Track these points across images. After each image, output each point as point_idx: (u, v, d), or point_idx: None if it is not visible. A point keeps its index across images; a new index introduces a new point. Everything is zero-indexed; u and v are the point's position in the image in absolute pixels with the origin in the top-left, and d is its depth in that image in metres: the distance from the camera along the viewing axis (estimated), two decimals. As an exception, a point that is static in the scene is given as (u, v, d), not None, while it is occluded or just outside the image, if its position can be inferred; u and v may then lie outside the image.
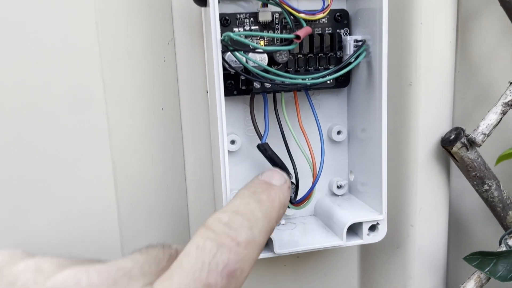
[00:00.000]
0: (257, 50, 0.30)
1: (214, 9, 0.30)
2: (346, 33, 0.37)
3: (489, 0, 0.39)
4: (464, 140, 0.35)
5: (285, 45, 0.30)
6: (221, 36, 0.30)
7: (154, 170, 0.37)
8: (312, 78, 0.33)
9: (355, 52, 0.33)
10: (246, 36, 0.33)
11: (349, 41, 0.35)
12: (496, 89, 0.43)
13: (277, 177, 0.30)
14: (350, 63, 0.34)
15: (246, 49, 0.30)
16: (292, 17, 0.33)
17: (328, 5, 0.32)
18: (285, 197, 0.29)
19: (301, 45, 0.35)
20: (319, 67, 0.36)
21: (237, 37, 0.29)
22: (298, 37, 0.29)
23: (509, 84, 0.34)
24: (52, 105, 0.33)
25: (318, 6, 0.36)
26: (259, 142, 0.36)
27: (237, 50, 0.30)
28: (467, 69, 0.42)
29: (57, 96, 0.33)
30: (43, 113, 0.33)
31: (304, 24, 0.32)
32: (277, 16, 0.35)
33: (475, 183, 0.36)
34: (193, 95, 0.37)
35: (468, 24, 0.41)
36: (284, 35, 0.31)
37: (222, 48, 0.30)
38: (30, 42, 0.32)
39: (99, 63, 0.33)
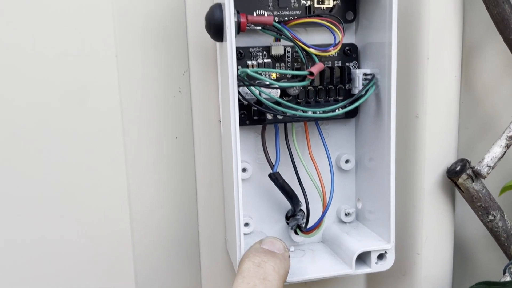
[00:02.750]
0: (272, 86, 0.32)
1: (231, 46, 0.31)
2: (355, 66, 0.38)
3: (492, 34, 0.40)
4: (469, 171, 0.36)
5: (299, 81, 0.31)
6: (238, 71, 0.31)
7: (167, 196, 0.38)
8: (323, 112, 0.34)
9: (365, 86, 0.35)
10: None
11: (358, 74, 0.37)
12: (498, 120, 0.44)
13: (277, 245, 0.31)
14: (360, 97, 0.35)
15: (262, 85, 0.31)
16: (304, 52, 0.34)
17: (339, 41, 0.34)
18: (288, 265, 0.30)
19: (312, 78, 0.37)
20: (329, 98, 0.37)
21: (254, 74, 0.30)
22: (311, 73, 0.30)
23: (512, 118, 0.36)
24: (70, 134, 0.34)
25: (328, 39, 0.37)
26: (270, 170, 0.37)
27: (253, 85, 0.31)
28: (471, 100, 0.43)
29: (75, 125, 0.34)
30: (60, 143, 0.34)
31: (316, 59, 0.34)
32: (289, 50, 0.36)
33: (480, 213, 0.37)
34: (206, 123, 0.38)
35: (471, 56, 0.42)
36: (298, 72, 0.32)
37: (238, 82, 0.31)
38: (53, 75, 0.33)
39: (118, 94, 0.34)
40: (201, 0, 0.36)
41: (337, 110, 0.34)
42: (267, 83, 0.31)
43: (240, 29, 0.32)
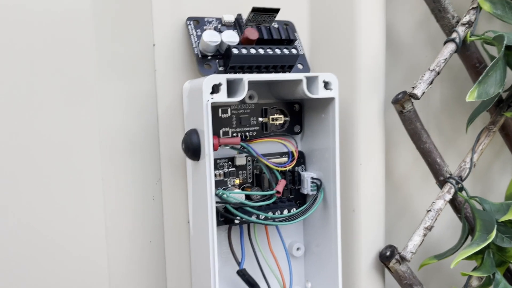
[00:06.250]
0: (246, 205, 0.37)
1: (210, 167, 0.36)
2: (303, 169, 0.45)
3: (404, 134, 0.50)
4: (397, 257, 0.44)
5: (268, 199, 0.37)
6: (216, 191, 0.36)
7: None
8: (282, 220, 0.40)
9: (314, 196, 0.42)
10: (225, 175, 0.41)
11: (307, 178, 0.44)
12: (412, 202, 0.54)
13: None
14: (313, 203, 0.42)
15: (237, 204, 0.37)
16: (266, 166, 0.40)
17: (294, 159, 0.40)
18: None
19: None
20: (282, 197, 0.44)
21: (231, 197, 0.35)
22: (278, 192, 0.36)
23: (426, 212, 0.45)
24: (56, 242, 0.36)
25: (280, 146, 0.44)
26: (235, 263, 0.42)
27: (228, 203, 0.36)
28: (391, 187, 0.52)
29: (62, 234, 0.37)
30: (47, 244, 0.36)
31: (278, 174, 0.40)
32: (249, 160, 0.43)
33: (406, 288, 0.45)
34: (176, 226, 0.42)
35: (390, 151, 0.52)
36: (267, 192, 0.38)
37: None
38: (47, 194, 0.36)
39: (103, 209, 0.37)
40: (172, 118, 0.41)
41: (296, 219, 0.40)
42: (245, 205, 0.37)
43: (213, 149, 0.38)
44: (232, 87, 0.38)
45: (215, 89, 0.36)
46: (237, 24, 0.42)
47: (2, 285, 0.36)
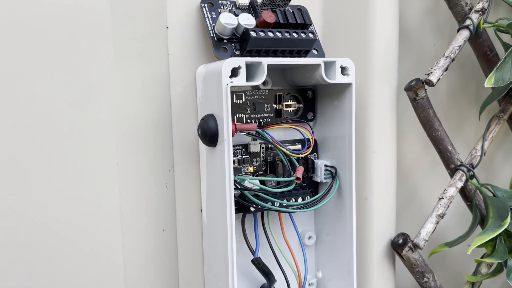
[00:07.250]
0: (264, 191, 0.36)
1: (228, 153, 0.35)
2: (315, 157, 0.45)
3: (414, 123, 0.50)
4: (410, 244, 0.44)
5: (287, 185, 0.36)
6: (235, 177, 0.35)
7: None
8: (298, 207, 0.39)
9: (330, 184, 0.41)
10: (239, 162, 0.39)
11: (320, 166, 0.43)
12: (417, 191, 0.54)
13: None
14: (329, 191, 0.41)
15: (256, 190, 0.36)
16: (282, 152, 0.40)
17: (310, 146, 0.40)
18: None
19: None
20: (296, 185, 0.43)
21: (252, 183, 0.34)
22: (298, 178, 0.36)
23: (438, 199, 0.45)
24: (73, 236, 0.35)
25: (292, 132, 0.43)
26: (246, 251, 0.41)
27: (247, 189, 0.35)
28: (398, 176, 0.52)
29: (76, 224, 0.35)
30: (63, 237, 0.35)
31: (294, 160, 0.39)
32: (263, 147, 0.42)
33: (417, 276, 0.45)
34: (188, 214, 0.41)
35: (399, 140, 0.52)
36: (287, 178, 0.37)
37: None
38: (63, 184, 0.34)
39: (118, 197, 0.36)
40: (185, 104, 0.40)
41: (310, 208, 0.40)
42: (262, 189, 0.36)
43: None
44: (249, 71, 0.37)
45: (234, 72, 0.35)
46: (251, 8, 0.41)
47: (19, 265, 0.35)
